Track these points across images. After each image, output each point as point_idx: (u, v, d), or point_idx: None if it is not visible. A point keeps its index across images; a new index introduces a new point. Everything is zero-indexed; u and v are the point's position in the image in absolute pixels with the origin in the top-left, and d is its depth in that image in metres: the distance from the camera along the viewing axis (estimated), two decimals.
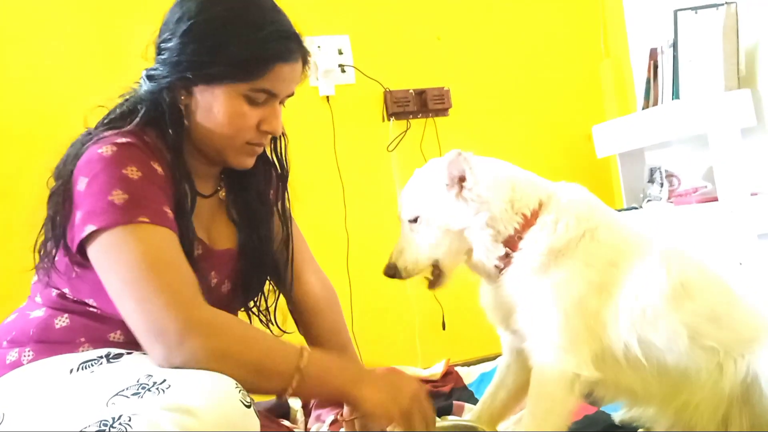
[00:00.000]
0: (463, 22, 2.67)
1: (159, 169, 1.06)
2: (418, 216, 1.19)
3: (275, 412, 1.72)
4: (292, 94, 1.17)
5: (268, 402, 1.78)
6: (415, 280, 1.25)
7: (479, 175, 1.16)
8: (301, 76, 1.17)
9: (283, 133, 1.25)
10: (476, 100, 2.66)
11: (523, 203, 1.18)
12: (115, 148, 1.02)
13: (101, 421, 0.80)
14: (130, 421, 0.80)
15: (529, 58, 2.75)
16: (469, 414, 1.43)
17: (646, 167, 2.48)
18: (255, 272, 1.27)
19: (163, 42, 1.11)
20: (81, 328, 1.05)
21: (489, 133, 2.65)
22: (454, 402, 1.59)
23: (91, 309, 1.06)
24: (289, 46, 1.11)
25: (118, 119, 1.12)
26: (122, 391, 0.87)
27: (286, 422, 1.67)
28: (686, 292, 1.12)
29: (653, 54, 2.36)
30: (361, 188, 2.45)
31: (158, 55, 1.12)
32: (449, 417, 1.52)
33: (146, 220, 0.99)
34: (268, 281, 1.33)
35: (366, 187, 2.47)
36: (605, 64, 2.83)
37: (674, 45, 2.15)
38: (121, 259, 0.97)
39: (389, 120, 2.53)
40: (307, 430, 1.53)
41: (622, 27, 2.80)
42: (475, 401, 1.55)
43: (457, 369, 1.92)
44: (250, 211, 1.26)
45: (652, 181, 2.43)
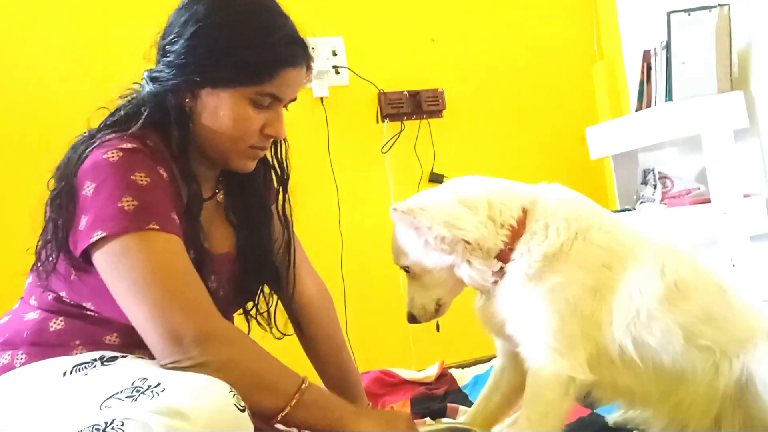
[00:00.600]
0: (457, 23, 2.67)
1: (164, 174, 1.06)
2: (408, 266, 1.21)
3: None
4: (295, 99, 1.18)
5: None
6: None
7: (432, 218, 1.13)
8: (305, 81, 1.18)
9: (283, 138, 1.25)
10: (470, 101, 2.66)
11: (506, 215, 1.16)
12: (121, 154, 1.01)
13: (94, 425, 0.80)
14: (123, 425, 0.79)
15: (523, 60, 2.75)
16: (464, 416, 1.43)
17: (640, 169, 2.49)
18: (253, 276, 1.27)
19: (168, 44, 1.10)
20: (76, 331, 1.04)
21: (483, 135, 2.66)
22: (448, 404, 1.59)
23: (87, 312, 1.05)
24: (296, 52, 1.12)
25: (121, 122, 1.11)
26: (116, 394, 0.87)
27: (281, 426, 1.66)
28: (680, 293, 1.12)
29: (646, 56, 2.37)
30: (355, 190, 2.45)
31: (162, 57, 1.11)
32: (443, 419, 1.52)
33: (156, 227, 0.99)
34: (265, 285, 1.32)
35: (360, 189, 2.46)
36: (599, 66, 2.84)
37: (667, 47, 2.16)
38: (135, 266, 0.97)
39: (383, 121, 2.53)
40: None
41: (616, 29, 2.81)
42: (469, 403, 1.55)
43: (452, 371, 1.92)
44: (250, 214, 1.25)
45: (645, 182, 2.44)
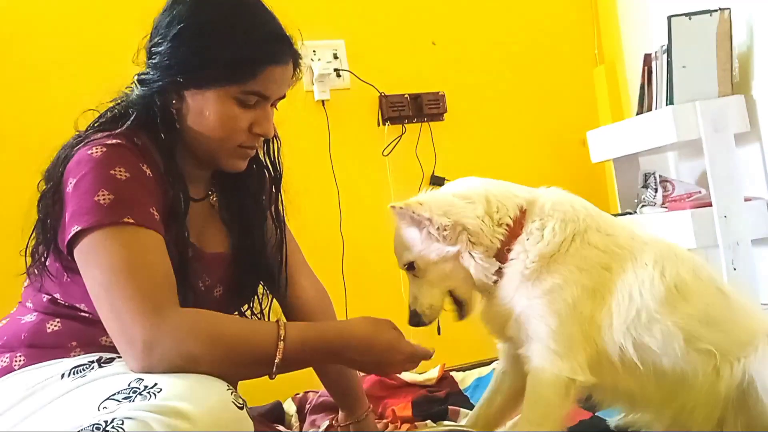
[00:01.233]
0: (458, 26, 2.67)
1: (148, 171, 1.05)
2: (412, 262, 1.20)
3: (270, 417, 1.71)
4: (284, 97, 1.17)
5: (263, 406, 1.77)
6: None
7: (431, 210, 1.15)
8: (293, 78, 1.17)
9: (275, 136, 1.24)
10: (471, 104, 2.66)
11: (503, 213, 1.17)
12: (104, 149, 1.01)
13: (94, 424, 0.80)
14: (123, 424, 0.79)
15: (524, 64, 2.75)
16: (465, 419, 1.43)
17: (641, 172, 2.49)
18: (248, 276, 1.26)
19: (153, 46, 1.10)
20: (72, 332, 1.04)
21: (484, 138, 2.65)
22: (450, 407, 1.59)
23: (82, 313, 1.05)
24: (279, 48, 1.11)
25: (109, 122, 1.11)
26: (114, 395, 0.86)
27: (281, 427, 1.67)
28: (681, 295, 1.12)
29: (647, 60, 2.37)
30: (356, 193, 2.44)
31: (149, 59, 1.12)
32: (444, 422, 1.52)
33: (131, 221, 0.98)
34: (261, 285, 1.32)
35: (361, 192, 2.46)
36: (600, 70, 2.84)
37: (668, 51, 2.16)
38: (99, 263, 0.96)
39: (384, 124, 2.53)
40: None
41: (617, 33, 2.81)
42: (470, 406, 1.55)
43: (453, 374, 1.92)
44: (244, 214, 1.25)
45: (646, 186, 2.43)
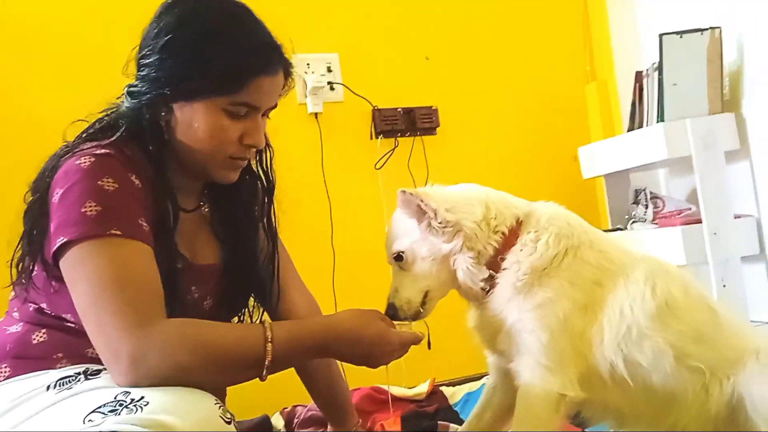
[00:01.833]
0: (452, 42, 2.69)
1: (137, 181, 1.04)
2: (402, 253, 1.20)
3: (258, 430, 1.70)
4: (275, 106, 1.15)
5: (250, 420, 1.76)
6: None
7: (437, 203, 1.16)
8: (285, 87, 1.16)
9: (268, 146, 1.23)
10: (464, 119, 2.67)
11: (500, 221, 1.18)
12: (93, 159, 1.00)
13: None
14: None
15: (517, 80, 2.77)
16: None
17: (632, 189, 2.50)
18: (239, 288, 1.25)
19: (142, 58, 1.09)
20: (58, 343, 1.03)
21: (476, 153, 2.66)
22: (439, 422, 1.58)
23: (68, 324, 1.04)
24: (267, 58, 1.10)
25: (98, 132, 1.10)
26: (100, 407, 0.85)
27: None
28: (671, 312, 1.12)
29: (639, 77, 2.39)
30: (348, 206, 2.44)
31: (138, 71, 1.10)
32: None
33: (118, 232, 0.97)
34: (251, 298, 1.31)
35: (353, 205, 2.46)
36: (591, 87, 2.86)
37: (659, 68, 2.18)
38: (86, 276, 0.95)
39: (377, 138, 2.53)
40: None
41: (609, 50, 2.84)
42: (460, 421, 1.54)
43: (443, 388, 1.91)
44: (236, 225, 1.24)
45: (637, 202, 2.44)
